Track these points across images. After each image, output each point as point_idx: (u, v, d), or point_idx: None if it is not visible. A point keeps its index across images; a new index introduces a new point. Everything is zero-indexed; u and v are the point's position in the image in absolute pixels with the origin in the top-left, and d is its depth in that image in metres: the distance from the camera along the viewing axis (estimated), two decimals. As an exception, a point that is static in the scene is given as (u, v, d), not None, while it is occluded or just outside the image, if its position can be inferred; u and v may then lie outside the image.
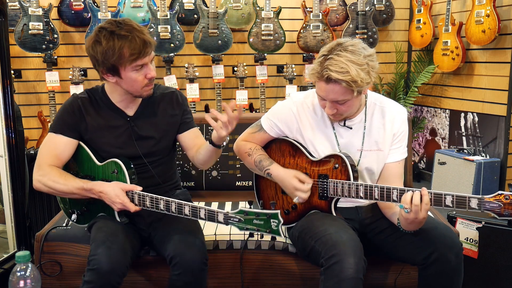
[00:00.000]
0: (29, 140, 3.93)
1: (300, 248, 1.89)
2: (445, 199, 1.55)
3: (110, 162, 1.84)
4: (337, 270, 1.57)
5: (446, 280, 1.70)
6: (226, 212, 1.56)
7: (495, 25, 3.60)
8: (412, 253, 1.74)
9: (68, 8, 3.93)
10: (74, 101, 1.89)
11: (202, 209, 1.62)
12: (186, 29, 4.13)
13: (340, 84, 1.64)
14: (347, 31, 4.28)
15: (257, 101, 4.37)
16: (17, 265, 1.49)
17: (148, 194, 1.74)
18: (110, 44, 1.70)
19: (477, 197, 1.50)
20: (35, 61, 4.08)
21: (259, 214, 1.50)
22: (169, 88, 2.04)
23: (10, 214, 2.30)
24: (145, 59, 1.75)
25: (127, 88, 1.83)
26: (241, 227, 1.53)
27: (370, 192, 1.69)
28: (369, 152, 1.87)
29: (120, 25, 1.73)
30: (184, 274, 1.69)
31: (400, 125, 1.88)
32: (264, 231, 1.50)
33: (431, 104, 4.60)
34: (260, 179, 2.04)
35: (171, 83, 4.10)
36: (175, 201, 1.71)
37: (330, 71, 1.62)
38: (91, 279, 1.62)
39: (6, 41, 2.20)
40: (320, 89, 1.72)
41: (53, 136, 1.86)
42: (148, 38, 1.74)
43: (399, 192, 1.64)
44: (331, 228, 1.71)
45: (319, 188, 1.84)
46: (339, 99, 1.69)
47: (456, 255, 1.69)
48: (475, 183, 3.74)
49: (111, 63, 1.73)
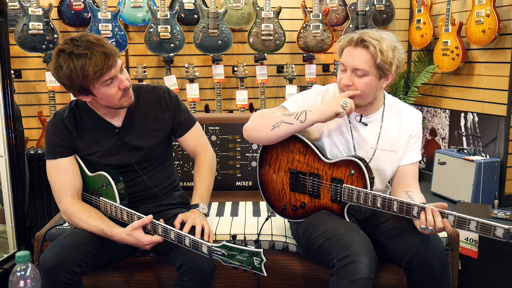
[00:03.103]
0: (29, 140, 3.93)
1: (304, 245, 1.88)
2: (469, 224, 1.50)
3: (99, 175, 1.84)
4: (352, 270, 1.56)
5: (431, 285, 1.68)
6: (211, 245, 1.55)
7: (495, 25, 3.60)
8: (397, 255, 1.74)
9: (68, 8, 3.93)
10: (60, 123, 1.83)
11: (187, 238, 1.61)
12: (186, 29, 4.14)
13: (368, 48, 1.70)
14: (347, 31, 4.27)
15: (257, 101, 4.37)
16: (17, 265, 1.49)
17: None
18: (71, 66, 1.62)
19: (503, 227, 1.44)
20: (35, 61, 4.08)
21: (242, 250, 1.49)
22: (156, 88, 1.95)
23: (10, 214, 2.30)
24: (111, 72, 1.67)
25: (104, 104, 1.77)
26: (224, 260, 1.53)
27: (388, 204, 1.67)
28: (382, 152, 1.87)
29: (77, 43, 1.64)
30: (193, 281, 1.68)
31: (415, 127, 1.90)
32: (247, 267, 1.50)
33: (431, 104, 4.60)
34: (265, 173, 1.99)
35: (171, 83, 4.10)
36: (162, 225, 1.68)
37: (363, 34, 1.72)
38: (41, 274, 1.63)
39: (6, 41, 2.20)
40: (345, 54, 1.76)
41: (53, 163, 1.83)
42: (109, 50, 1.66)
43: (420, 209, 1.60)
44: (341, 228, 1.70)
45: (332, 191, 1.81)
46: (360, 67, 1.72)
47: (440, 259, 1.66)
48: (475, 183, 3.74)
49: (78, 85, 1.66)
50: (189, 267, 1.67)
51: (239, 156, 2.62)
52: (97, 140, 1.86)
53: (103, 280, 1.98)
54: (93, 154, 1.86)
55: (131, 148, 1.87)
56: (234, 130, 2.61)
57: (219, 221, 2.19)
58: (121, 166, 1.88)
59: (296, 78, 4.26)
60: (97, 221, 1.75)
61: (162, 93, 1.94)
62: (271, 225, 2.11)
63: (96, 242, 1.75)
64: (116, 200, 1.81)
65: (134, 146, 1.87)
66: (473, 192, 3.75)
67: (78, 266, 1.65)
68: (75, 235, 1.74)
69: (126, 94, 1.76)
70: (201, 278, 1.68)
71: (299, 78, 4.38)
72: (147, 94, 1.92)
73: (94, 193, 1.87)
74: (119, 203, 1.80)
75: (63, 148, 1.83)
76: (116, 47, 1.74)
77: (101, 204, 1.85)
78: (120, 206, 1.78)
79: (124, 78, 1.73)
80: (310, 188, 1.87)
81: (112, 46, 1.70)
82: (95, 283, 1.97)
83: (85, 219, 1.76)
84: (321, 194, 1.84)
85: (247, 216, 2.26)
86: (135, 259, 1.96)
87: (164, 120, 1.92)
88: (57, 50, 1.67)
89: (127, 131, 1.87)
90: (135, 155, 1.88)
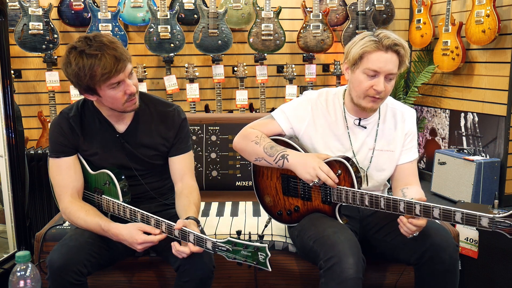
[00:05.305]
0: (29, 140, 3.93)
1: (300, 247, 1.89)
2: (454, 215, 1.52)
3: (102, 173, 1.84)
4: (338, 271, 1.56)
5: (441, 280, 1.70)
6: (215, 240, 1.55)
7: (495, 25, 3.60)
8: (406, 253, 1.74)
9: (68, 8, 3.93)
10: (65, 121, 1.83)
11: (191, 234, 1.60)
12: (186, 29, 4.14)
13: (399, 52, 1.71)
14: (347, 31, 4.28)
15: (257, 101, 4.37)
16: (17, 265, 1.49)
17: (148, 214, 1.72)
18: (80, 65, 1.62)
19: (488, 216, 1.46)
20: (35, 61, 4.09)
21: (247, 246, 1.49)
22: (168, 105, 1.93)
23: (10, 214, 2.30)
24: (119, 76, 1.66)
25: (108, 105, 1.77)
26: (229, 256, 1.53)
27: (376, 201, 1.68)
28: (380, 152, 1.88)
29: (90, 43, 1.63)
30: (191, 281, 1.68)
31: (411, 125, 1.91)
32: (252, 262, 1.50)
33: (431, 104, 4.60)
34: (260, 180, 2.02)
35: (171, 83, 4.11)
36: (165, 222, 1.67)
37: (391, 38, 1.69)
38: (48, 275, 1.64)
39: (6, 41, 2.20)
40: (377, 60, 1.70)
41: (56, 161, 1.83)
42: (120, 54, 1.64)
43: (406, 204, 1.61)
44: (330, 229, 1.71)
45: (322, 193, 1.82)
46: (394, 71, 1.72)
47: (450, 255, 1.68)
48: (475, 183, 3.74)
49: (85, 84, 1.66)
50: (188, 267, 1.67)
51: (239, 156, 2.62)
52: (98, 142, 1.86)
53: (104, 280, 1.98)
54: (93, 155, 1.87)
55: (131, 154, 1.87)
56: (234, 130, 2.60)
57: (219, 221, 2.19)
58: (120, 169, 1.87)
59: (296, 78, 4.26)
60: (95, 218, 1.75)
61: (172, 111, 1.92)
62: (271, 225, 2.11)
63: (99, 241, 1.75)
64: (119, 198, 1.81)
65: (134, 154, 1.87)
66: (473, 192, 3.75)
67: (84, 267, 1.66)
68: (79, 235, 1.74)
69: (131, 99, 1.74)
70: (200, 279, 1.67)
71: (299, 78, 4.38)
72: (159, 108, 1.91)
73: (96, 191, 1.87)
74: (121, 201, 1.81)
75: (67, 147, 1.83)
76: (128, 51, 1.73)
77: (103, 202, 1.86)
78: (123, 204, 1.79)
79: (132, 83, 1.72)
80: (301, 191, 1.87)
81: (125, 50, 1.69)
82: (96, 282, 1.97)
83: (83, 217, 1.76)
84: (312, 196, 1.85)
85: (247, 216, 2.26)
86: (136, 259, 1.96)
87: (167, 138, 1.90)
88: (69, 47, 1.67)
89: (129, 138, 1.87)
90: (135, 161, 1.88)
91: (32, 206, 3.03)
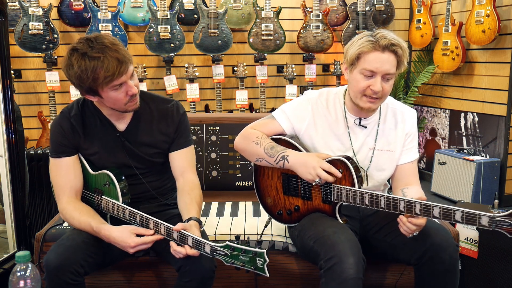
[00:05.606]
0: (29, 140, 3.93)
1: (300, 247, 1.89)
2: (454, 214, 1.52)
3: (102, 174, 1.84)
4: (338, 271, 1.56)
5: (441, 280, 1.70)
6: (214, 245, 1.55)
7: (495, 25, 3.60)
8: (406, 253, 1.74)
9: (68, 8, 3.93)
10: (66, 121, 1.83)
11: (190, 237, 1.59)
12: (186, 29, 4.14)
13: (396, 52, 1.70)
14: (347, 31, 4.28)
15: (257, 101, 4.37)
16: (17, 265, 1.49)
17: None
18: (82, 67, 1.61)
19: (488, 215, 1.46)
20: (35, 61, 4.09)
21: (245, 250, 1.49)
22: (167, 101, 1.94)
23: (10, 214, 2.30)
24: (122, 78, 1.66)
25: (110, 106, 1.78)
26: (227, 260, 1.52)
27: (376, 200, 1.68)
28: (380, 152, 1.88)
29: (92, 45, 1.63)
30: (193, 281, 1.67)
31: (411, 125, 1.91)
32: (250, 267, 1.49)
33: (431, 104, 4.60)
34: (260, 180, 2.02)
35: (171, 83, 4.11)
36: (164, 224, 1.66)
37: (388, 38, 1.69)
38: (45, 275, 1.64)
39: (6, 41, 2.20)
40: (374, 60, 1.70)
41: (57, 161, 1.83)
42: (123, 56, 1.64)
43: (406, 203, 1.61)
44: (330, 229, 1.71)
45: (322, 192, 1.82)
46: (391, 71, 1.72)
47: (450, 255, 1.68)
48: (475, 183, 3.74)
49: (87, 86, 1.66)
50: (189, 268, 1.67)
51: (239, 156, 2.62)
52: (99, 140, 1.86)
53: (103, 280, 1.98)
54: (94, 154, 1.87)
55: (131, 152, 1.87)
56: (234, 130, 2.61)
57: (219, 221, 2.19)
58: (120, 168, 1.88)
59: (296, 78, 4.26)
60: (87, 218, 1.75)
61: (171, 107, 1.92)
62: (271, 225, 2.11)
63: (97, 241, 1.75)
64: (119, 198, 1.81)
65: (135, 152, 1.87)
66: (473, 192, 3.75)
67: (81, 267, 1.65)
68: (77, 235, 1.74)
69: (133, 100, 1.75)
70: (201, 279, 1.67)
71: (299, 78, 4.38)
72: (158, 105, 1.91)
73: (96, 191, 1.87)
74: (121, 202, 1.80)
75: (68, 148, 1.83)
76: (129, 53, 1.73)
77: (103, 203, 1.86)
78: (122, 205, 1.78)
79: (133, 84, 1.73)
80: (302, 190, 1.87)
81: (126, 51, 1.69)
82: (95, 283, 1.97)
83: (77, 217, 1.76)
84: (312, 195, 1.85)
85: (247, 216, 2.26)
86: (135, 259, 1.96)
87: (168, 134, 1.90)
88: (71, 48, 1.66)
89: (129, 136, 1.87)
90: (136, 159, 1.88)
91: (32, 206, 3.04)
